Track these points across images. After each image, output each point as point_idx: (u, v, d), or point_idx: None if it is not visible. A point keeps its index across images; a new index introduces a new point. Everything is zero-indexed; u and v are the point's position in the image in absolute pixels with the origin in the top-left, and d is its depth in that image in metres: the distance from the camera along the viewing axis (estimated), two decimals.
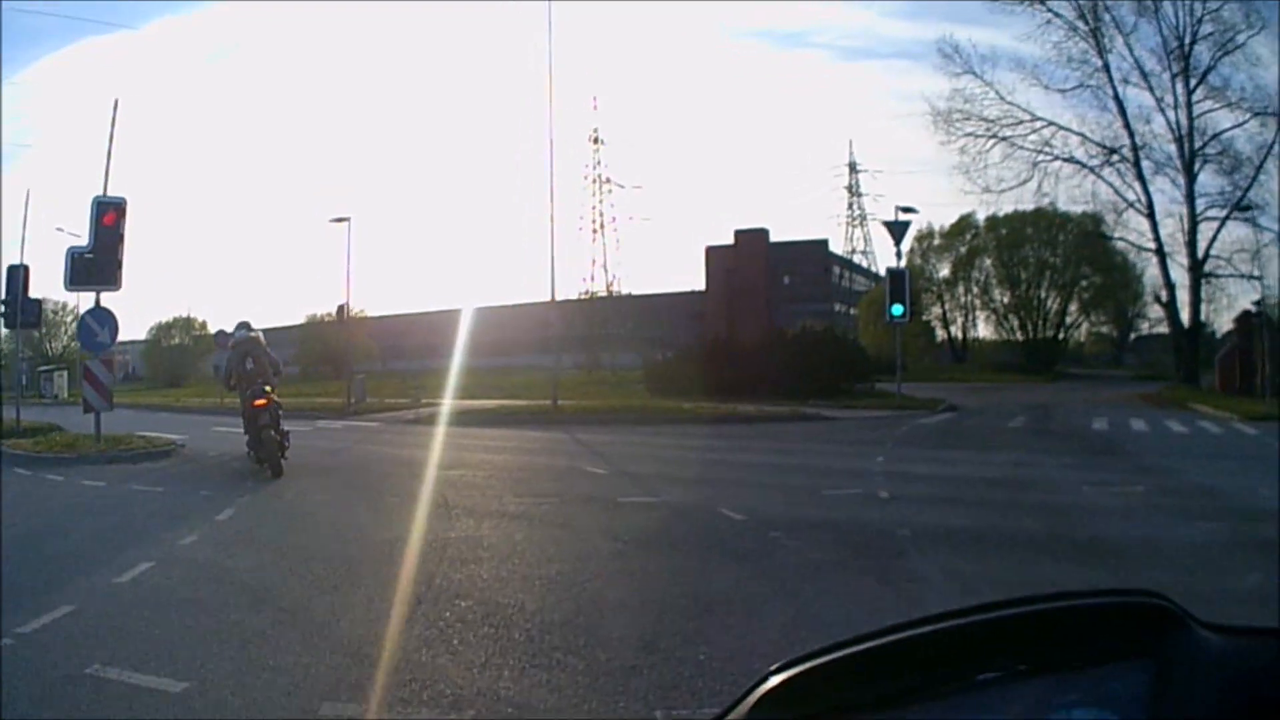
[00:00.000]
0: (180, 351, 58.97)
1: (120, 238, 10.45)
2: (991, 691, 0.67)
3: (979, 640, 0.69)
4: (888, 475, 8.49)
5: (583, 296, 45.65)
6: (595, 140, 46.69)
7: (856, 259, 51.30)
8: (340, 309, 23.24)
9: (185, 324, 61.43)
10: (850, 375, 22.38)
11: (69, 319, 53.63)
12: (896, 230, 21.62)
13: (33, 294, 13.96)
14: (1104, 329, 46.91)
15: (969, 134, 29.53)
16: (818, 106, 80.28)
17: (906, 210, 22.33)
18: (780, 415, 16.39)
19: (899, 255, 22.49)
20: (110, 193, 10.83)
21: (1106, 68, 27.99)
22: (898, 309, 20.02)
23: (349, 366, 23.62)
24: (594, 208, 46.53)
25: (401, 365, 39.27)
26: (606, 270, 47.06)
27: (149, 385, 55.04)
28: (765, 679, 0.69)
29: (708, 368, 21.56)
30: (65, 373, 37.68)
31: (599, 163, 46.23)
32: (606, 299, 46.36)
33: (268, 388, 9.29)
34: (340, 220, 22.37)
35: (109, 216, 10.29)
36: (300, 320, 50.50)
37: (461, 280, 69.04)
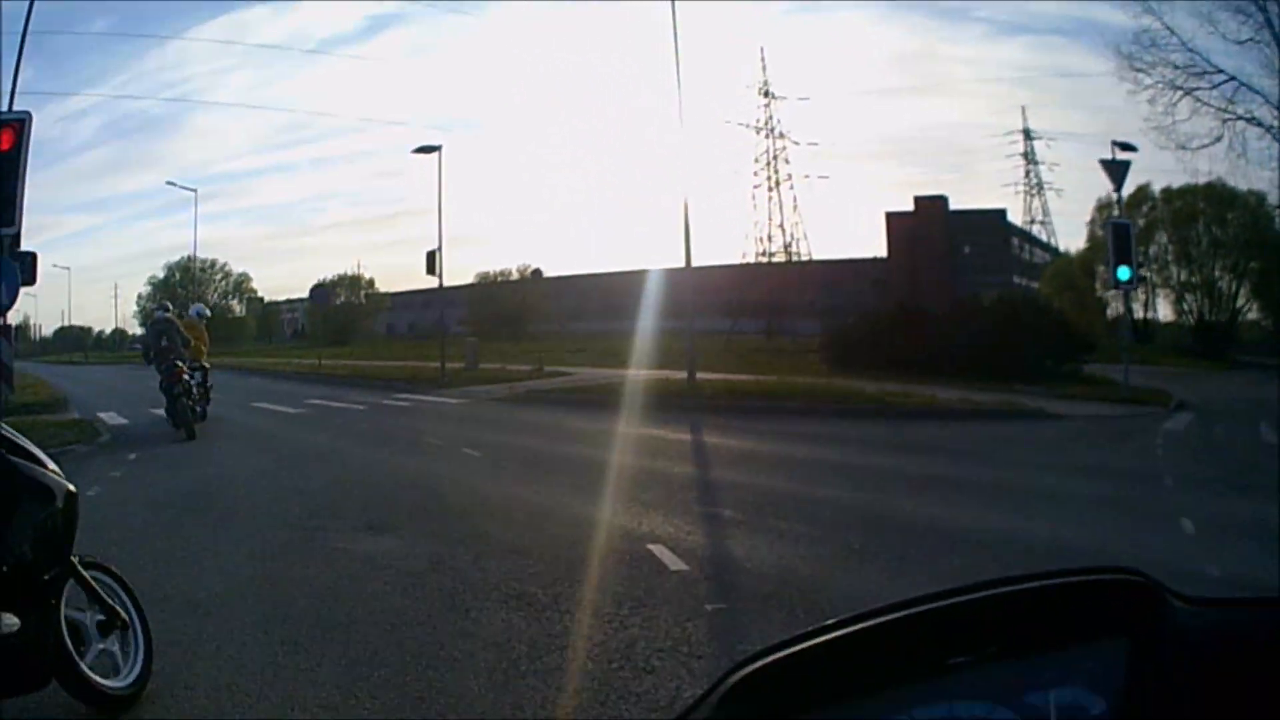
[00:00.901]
0: (348, 310, 58.95)
1: (18, 163, 7.41)
2: (964, 675, 0.66)
3: (950, 624, 0.67)
4: None
5: (760, 258, 43.95)
6: (766, 94, 43.79)
7: (1034, 231, 47.45)
8: (430, 257, 20.08)
9: (352, 281, 60.91)
10: (1056, 355, 18.15)
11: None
12: (1116, 172, 16.53)
13: None
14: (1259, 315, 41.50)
15: (1156, 83, 26.17)
16: (984, 73, 71.27)
17: (1124, 148, 17.25)
18: (990, 408, 12.17)
19: (1119, 204, 18.75)
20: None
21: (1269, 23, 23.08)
22: (1124, 272, 15.02)
23: (444, 328, 21.69)
24: (768, 164, 43.97)
25: (581, 327, 39.04)
26: (784, 230, 44.76)
27: (312, 344, 57.02)
28: (730, 674, 0.66)
29: (891, 338, 18.67)
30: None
31: (771, 117, 43.40)
32: (786, 264, 44.29)
33: (179, 362, 10.64)
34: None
35: (4, 136, 7.27)
36: (470, 280, 49.83)
37: (641, 240, 66.64)
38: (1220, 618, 0.68)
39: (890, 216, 43.07)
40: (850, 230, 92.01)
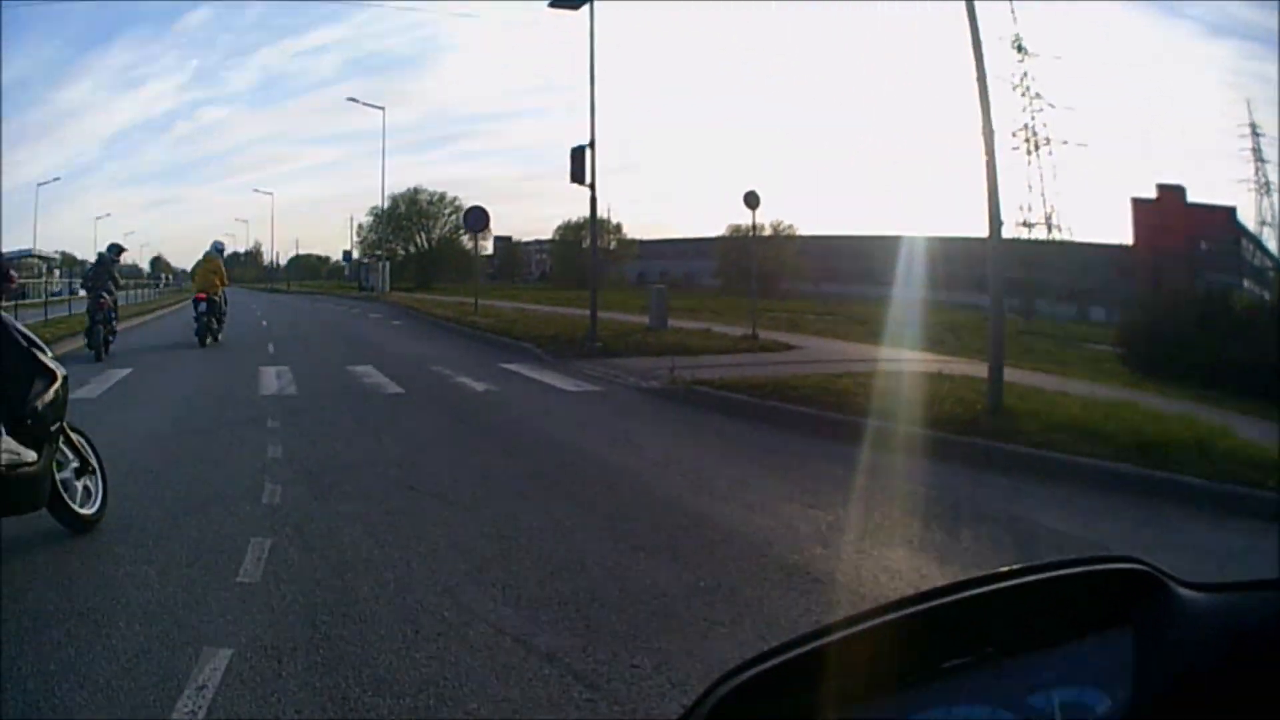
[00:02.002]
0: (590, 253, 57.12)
1: None
2: (962, 678, 0.63)
3: (945, 625, 0.64)
4: None
5: (1020, 229, 40.35)
6: (1019, 49, 39.26)
7: (1262, 234, 43.67)
8: (576, 156, 14.53)
9: (602, 224, 59.63)
10: None
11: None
12: None
13: None
14: None
15: None
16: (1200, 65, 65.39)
17: None
18: None
19: None
20: None
21: None
22: None
23: (596, 273, 18.08)
24: (1026, 125, 39.87)
25: (834, 289, 38.24)
26: (1045, 200, 41.64)
27: (555, 285, 55.45)
28: (715, 688, 0.62)
29: (1212, 341, 13.40)
30: None
31: (1025, 74, 39.27)
32: (1043, 242, 40.88)
33: (105, 295, 11.90)
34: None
35: None
36: (721, 231, 46.92)
37: (898, 203, 59.96)
38: (1225, 602, 0.65)
39: (1135, 203, 41.41)
40: (1093, 210, 79.11)
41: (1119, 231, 43.62)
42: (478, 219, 19.73)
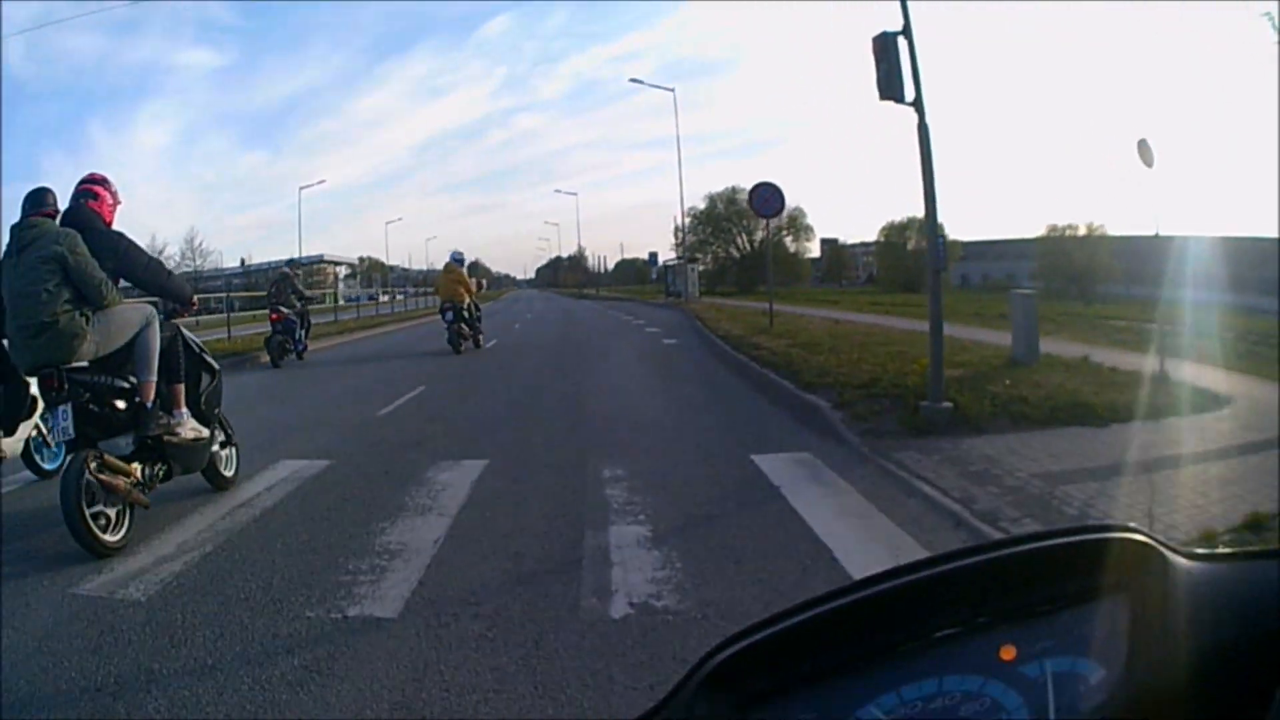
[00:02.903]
0: (919, 256, 52.93)
1: None
2: (954, 648, 0.61)
3: (938, 594, 0.62)
4: None
5: None
6: None
7: None
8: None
9: (919, 225, 55.07)
10: None
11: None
12: None
13: None
14: None
15: None
16: None
17: None
18: None
19: None
20: None
21: None
22: None
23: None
24: None
25: (1143, 292, 34.36)
26: None
27: (881, 289, 52.60)
28: (707, 659, 0.62)
29: None
30: None
31: None
32: None
33: (282, 308, 13.35)
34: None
35: None
36: (1039, 232, 45.40)
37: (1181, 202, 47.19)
38: (1223, 572, 0.65)
39: None
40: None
41: None
42: (768, 199, 14.91)
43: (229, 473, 5.11)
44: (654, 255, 53.31)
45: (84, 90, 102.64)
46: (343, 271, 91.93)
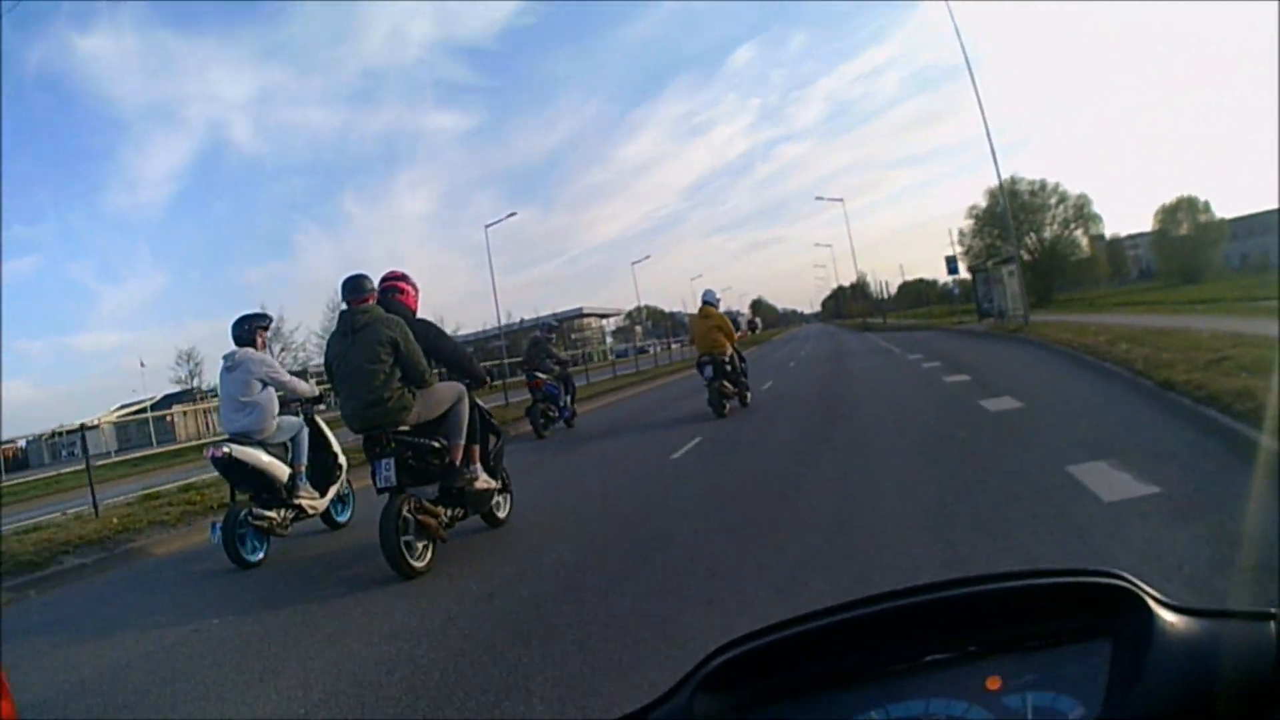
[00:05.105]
0: (1189, 242, 49.86)
1: None
2: (942, 673, 0.65)
3: (929, 620, 0.67)
4: None
5: None
6: None
7: None
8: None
9: (1189, 205, 51.48)
10: None
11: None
12: None
13: None
14: None
15: None
16: None
17: None
18: None
19: None
20: None
21: None
22: None
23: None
24: None
25: None
26: None
27: (1164, 283, 49.22)
28: (707, 662, 0.68)
29: None
30: None
31: None
32: None
33: (539, 374, 13.09)
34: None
35: None
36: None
37: None
38: (1205, 628, 0.63)
39: None
40: None
41: None
42: None
43: (503, 515, 6.13)
44: (952, 260, 41.84)
45: (326, 164, 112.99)
46: (610, 325, 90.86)
